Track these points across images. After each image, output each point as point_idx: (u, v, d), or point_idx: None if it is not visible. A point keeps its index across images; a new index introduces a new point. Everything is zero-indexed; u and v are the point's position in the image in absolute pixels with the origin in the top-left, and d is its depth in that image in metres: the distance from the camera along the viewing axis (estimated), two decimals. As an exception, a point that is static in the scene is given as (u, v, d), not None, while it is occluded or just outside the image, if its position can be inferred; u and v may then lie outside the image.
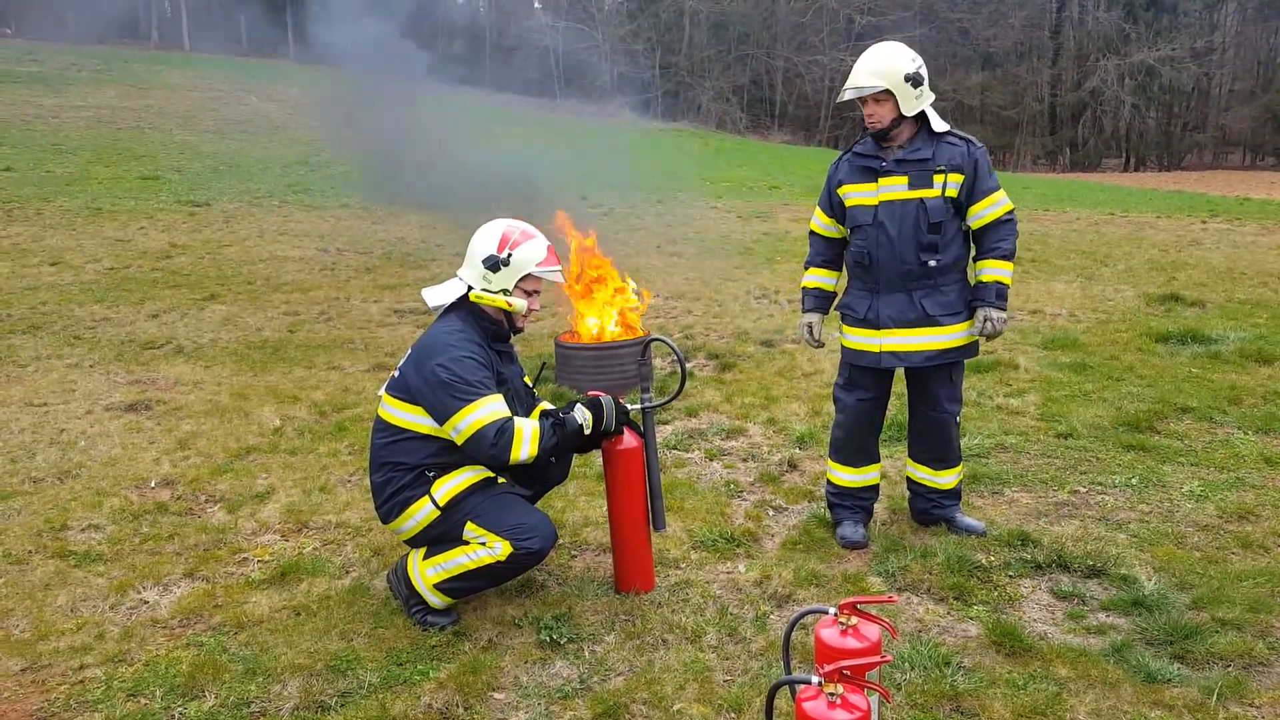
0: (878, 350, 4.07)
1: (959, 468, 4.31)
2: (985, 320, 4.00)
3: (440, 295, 3.65)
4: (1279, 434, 5.53)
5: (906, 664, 3.21)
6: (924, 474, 4.31)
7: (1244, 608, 3.53)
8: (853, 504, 4.31)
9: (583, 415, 3.58)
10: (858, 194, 4.05)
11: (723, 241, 14.06)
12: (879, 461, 4.38)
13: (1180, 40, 42.58)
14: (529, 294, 3.63)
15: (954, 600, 3.70)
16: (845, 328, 4.22)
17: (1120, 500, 4.67)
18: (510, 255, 3.54)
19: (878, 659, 2.39)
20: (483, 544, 3.44)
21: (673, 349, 3.78)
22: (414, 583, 3.52)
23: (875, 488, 4.36)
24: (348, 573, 4.01)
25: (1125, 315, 8.85)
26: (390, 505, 3.54)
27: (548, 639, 3.43)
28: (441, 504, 3.47)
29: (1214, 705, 2.96)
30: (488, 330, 3.61)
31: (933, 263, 3.95)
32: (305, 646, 3.38)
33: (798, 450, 5.46)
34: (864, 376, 4.19)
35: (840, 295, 4.33)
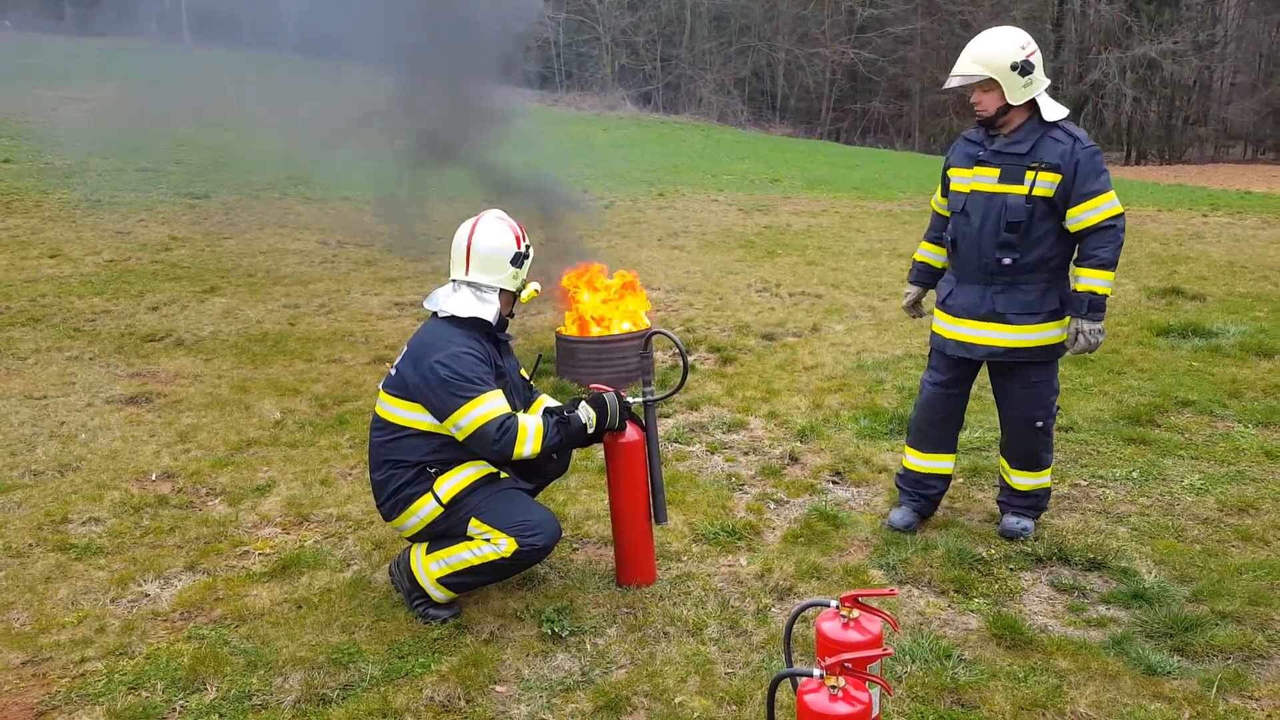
0: (946, 336, 4.10)
1: (1037, 474, 4.16)
2: (1077, 334, 3.84)
3: (486, 309, 3.53)
4: (1279, 427, 5.53)
5: (908, 656, 3.21)
6: (1004, 466, 4.29)
7: (1244, 600, 3.54)
8: (914, 490, 4.30)
9: (586, 414, 3.58)
10: (958, 179, 4.06)
11: (724, 235, 14.03)
12: (953, 452, 4.31)
13: (1182, 33, 42.40)
14: None
15: (955, 593, 3.71)
16: (935, 310, 4.26)
17: (1121, 493, 4.67)
18: (529, 246, 3.62)
19: (879, 652, 2.40)
20: (487, 540, 3.43)
21: (675, 342, 3.78)
22: (416, 576, 3.52)
23: (944, 478, 4.31)
24: (349, 566, 4.02)
25: (1126, 309, 8.85)
26: (392, 503, 3.53)
27: (549, 632, 3.44)
28: (445, 501, 3.47)
29: (1214, 697, 2.97)
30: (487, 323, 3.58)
31: (1007, 261, 3.87)
32: (306, 639, 3.39)
33: (799, 443, 5.46)
34: (940, 360, 4.21)
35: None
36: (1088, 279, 3.82)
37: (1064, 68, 45.98)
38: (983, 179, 3.91)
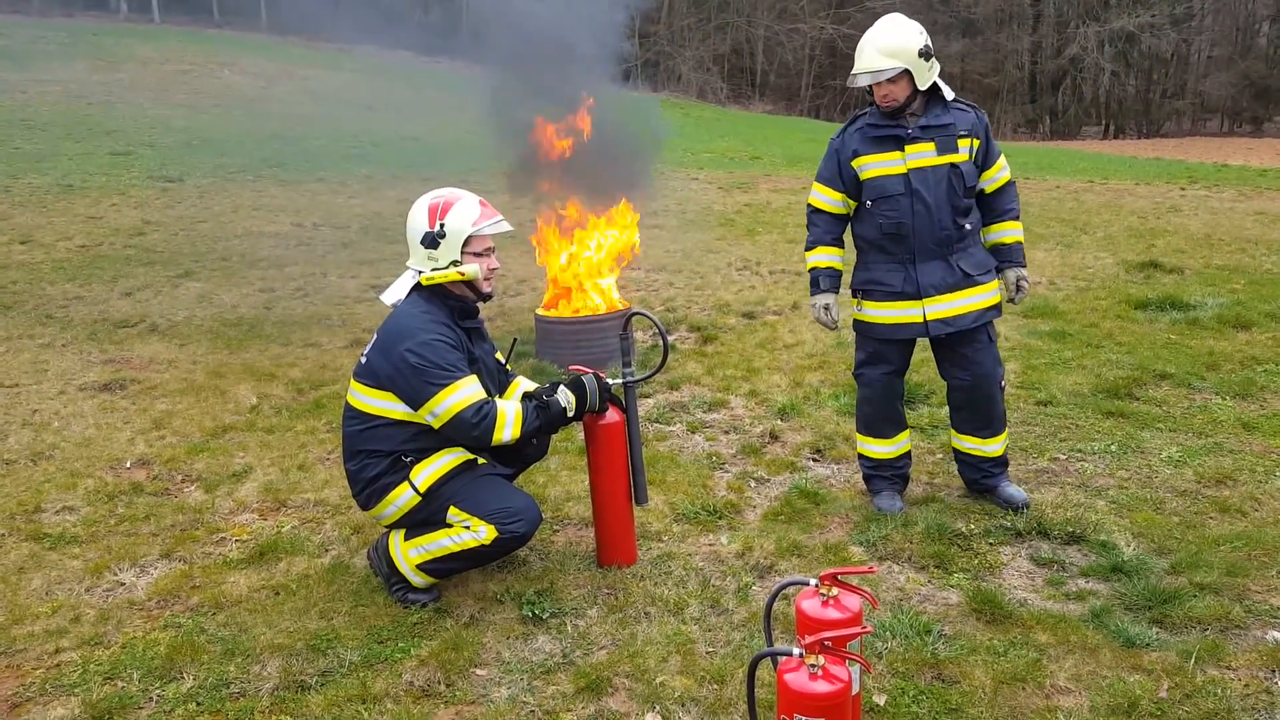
0: (921, 320, 4.00)
1: (1005, 434, 4.26)
2: (1020, 280, 4.14)
3: (395, 292, 3.54)
4: (1256, 399, 5.57)
5: (888, 633, 3.22)
6: (971, 444, 4.23)
7: (1221, 572, 3.56)
8: (891, 474, 4.31)
9: (566, 398, 3.53)
10: (880, 164, 3.96)
11: (704, 213, 13.99)
12: (908, 428, 4.39)
13: (1159, 7, 42.52)
14: (480, 255, 3.49)
15: (934, 568, 3.71)
16: (872, 304, 4.10)
17: (1099, 467, 4.69)
18: (443, 225, 3.42)
19: (859, 630, 2.39)
20: (467, 528, 3.40)
21: (654, 322, 3.74)
22: (395, 562, 3.49)
23: (909, 454, 4.36)
24: (327, 551, 3.98)
25: (1104, 283, 8.88)
26: (369, 493, 3.49)
27: (530, 614, 3.42)
28: (422, 490, 3.43)
29: (1191, 668, 2.99)
30: (454, 308, 3.51)
31: (968, 225, 4.00)
32: (285, 626, 3.36)
33: (779, 422, 5.45)
34: (891, 350, 4.14)
35: (851, 272, 4.22)
36: (1013, 230, 4.16)
37: (1042, 42, 46.02)
38: (920, 155, 3.92)
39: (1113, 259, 10.05)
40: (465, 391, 3.31)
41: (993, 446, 4.22)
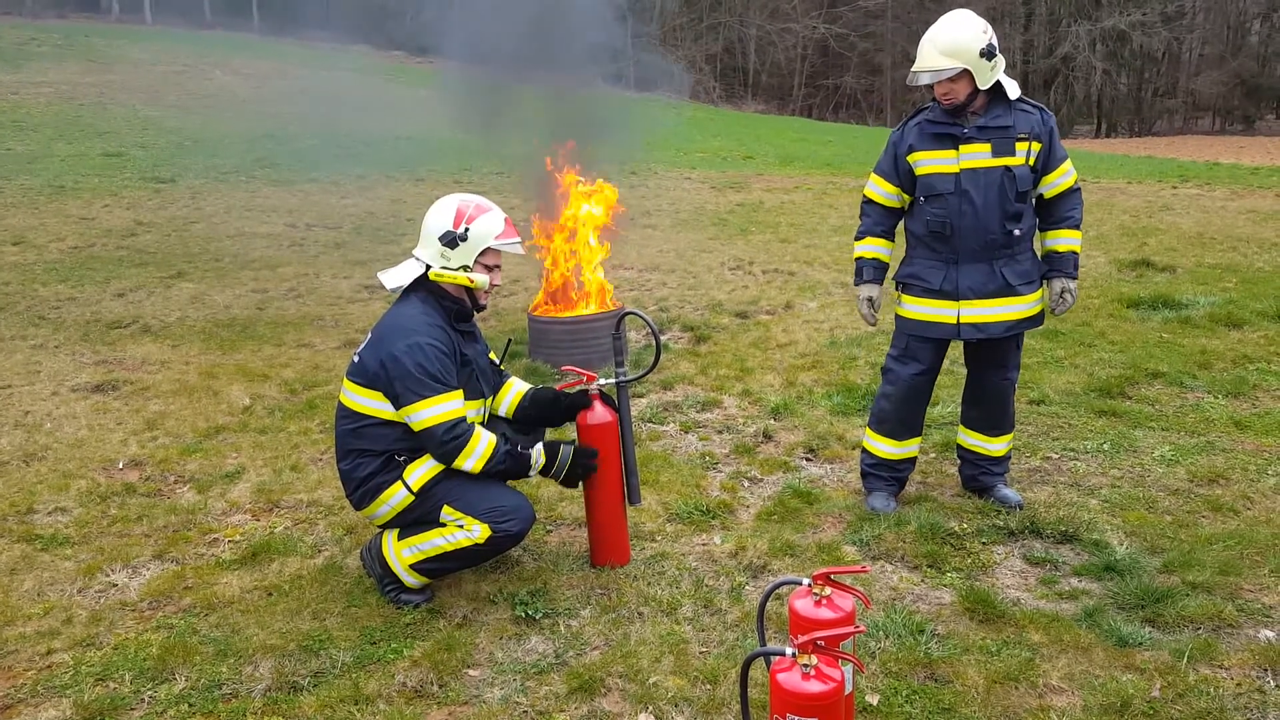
0: (955, 322, 3.98)
1: (1010, 435, 4.28)
2: (1064, 292, 4.02)
3: (398, 277, 3.55)
4: (1248, 398, 5.59)
5: (881, 632, 3.22)
6: (976, 440, 4.27)
7: (1214, 571, 3.57)
8: (889, 475, 4.29)
9: (538, 455, 3.57)
10: (934, 161, 3.93)
11: (697, 213, 13.98)
12: (921, 434, 4.34)
13: (1151, 5, 42.65)
14: (489, 268, 3.54)
15: (928, 568, 3.72)
16: (910, 299, 4.10)
17: (1092, 466, 4.70)
18: (467, 230, 3.46)
19: (851, 629, 2.39)
20: (460, 526, 3.40)
21: (647, 322, 3.74)
22: (389, 562, 3.49)
23: (913, 460, 4.33)
24: (320, 552, 3.98)
25: (1097, 281, 8.89)
26: (362, 492, 3.48)
27: (523, 614, 3.42)
28: (415, 489, 3.43)
29: (1184, 668, 3.00)
30: (449, 310, 3.53)
31: (1017, 231, 3.90)
32: (277, 627, 3.35)
33: (772, 421, 5.46)
34: (924, 349, 4.11)
35: (897, 266, 4.21)
36: (1068, 239, 4.03)
37: (1034, 41, 46.14)
38: (974, 156, 3.86)
39: (1105, 258, 10.06)
40: (445, 407, 3.33)
41: (996, 446, 4.23)
